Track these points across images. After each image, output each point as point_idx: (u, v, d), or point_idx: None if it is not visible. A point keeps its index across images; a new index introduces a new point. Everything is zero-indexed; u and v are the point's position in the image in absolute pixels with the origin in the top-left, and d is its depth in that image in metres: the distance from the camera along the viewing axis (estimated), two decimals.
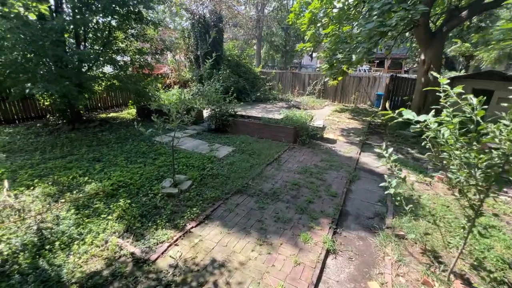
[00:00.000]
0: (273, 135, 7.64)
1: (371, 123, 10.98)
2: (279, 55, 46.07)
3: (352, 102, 15.79)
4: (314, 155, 6.69)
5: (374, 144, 8.03)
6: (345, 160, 6.45)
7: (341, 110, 13.53)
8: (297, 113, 8.09)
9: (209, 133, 8.31)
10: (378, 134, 9.38)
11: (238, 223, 3.80)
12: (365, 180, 5.50)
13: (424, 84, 10.09)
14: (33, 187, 4.43)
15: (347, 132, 9.22)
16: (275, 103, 14.98)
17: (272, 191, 4.73)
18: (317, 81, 16.56)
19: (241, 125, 8.18)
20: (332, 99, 16.37)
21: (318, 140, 7.89)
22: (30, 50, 5.37)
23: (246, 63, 16.81)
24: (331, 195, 4.70)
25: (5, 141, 6.60)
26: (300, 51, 12.92)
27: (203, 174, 5.16)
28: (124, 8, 8.09)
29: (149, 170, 5.23)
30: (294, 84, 17.51)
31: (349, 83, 15.75)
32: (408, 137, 8.63)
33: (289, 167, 5.91)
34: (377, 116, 12.66)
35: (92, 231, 3.43)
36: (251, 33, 32.49)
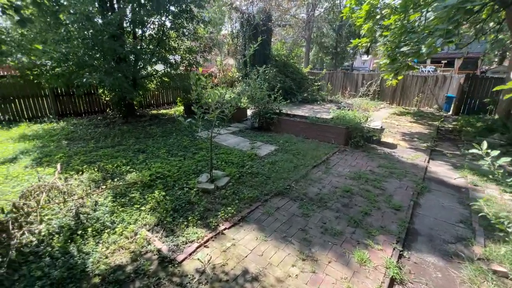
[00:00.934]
0: (321, 136, 6.89)
1: (439, 128, 9.30)
2: (328, 58, 44.25)
3: (414, 105, 13.85)
4: (370, 160, 5.74)
5: (446, 152, 6.63)
6: (410, 168, 5.36)
7: (400, 113, 11.91)
8: (350, 113, 7.18)
9: (251, 131, 7.96)
10: (450, 140, 7.80)
11: (277, 230, 3.26)
12: (438, 193, 4.40)
13: None
14: (81, 172, 4.60)
15: (410, 136, 7.88)
16: (323, 104, 14.01)
17: (318, 197, 4.05)
18: (372, 82, 15.02)
19: (286, 124, 7.62)
20: (390, 101, 14.63)
21: (374, 144, 6.85)
22: (91, 44, 5.78)
23: (294, 63, 16.23)
24: (394, 207, 3.81)
25: (69, 130, 7.26)
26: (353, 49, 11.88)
27: (242, 172, 4.75)
28: (177, 5, 8.32)
29: (188, 163, 5.05)
30: (345, 85, 16.23)
31: (411, 83, 13.87)
32: (494, 145, 6.94)
33: (339, 171, 5.12)
34: (447, 121, 10.75)
35: (124, 221, 3.27)
36: (300, 35, 31.81)
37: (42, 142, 6.22)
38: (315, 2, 30.14)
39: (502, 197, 4.25)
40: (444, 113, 12.75)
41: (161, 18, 8.66)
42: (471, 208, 3.90)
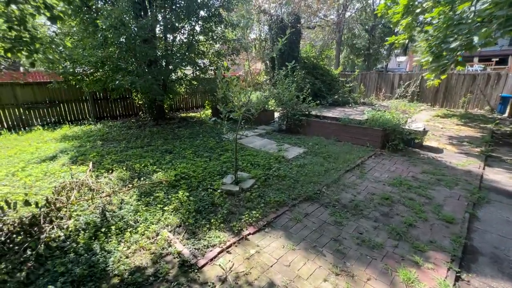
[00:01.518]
0: (354, 138, 6.38)
1: (494, 132, 8.16)
2: (360, 60, 42.61)
3: (461, 107, 12.47)
4: (412, 165, 5.13)
5: (506, 158, 5.71)
6: (461, 175, 4.66)
7: (444, 115, 10.77)
8: (387, 114, 6.58)
9: (279, 133, 7.68)
10: (510, 145, 6.76)
11: (306, 238, 2.93)
12: (499, 205, 3.71)
13: None
14: (111, 170, 4.71)
15: (458, 140, 6.99)
16: (355, 106, 13.25)
17: (353, 204, 3.64)
18: (410, 82, 13.89)
19: (315, 126, 7.22)
20: (431, 103, 13.38)
21: (416, 148, 6.16)
22: (125, 48, 6.05)
23: (323, 65, 15.68)
24: (445, 219, 3.26)
25: (105, 132, 7.64)
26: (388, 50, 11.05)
27: (268, 174, 4.50)
28: (206, 10, 8.45)
29: (213, 165, 4.93)
30: (379, 86, 15.25)
31: (456, 83, 12.55)
32: None
33: (376, 176, 4.62)
34: (503, 123, 9.45)
35: (146, 220, 3.20)
36: (330, 37, 31.03)
37: (79, 142, 6.59)
38: (346, 3, 29.29)
39: None
40: (498, 115, 11.28)
41: (191, 23, 8.86)
42: None
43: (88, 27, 6.13)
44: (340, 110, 12.16)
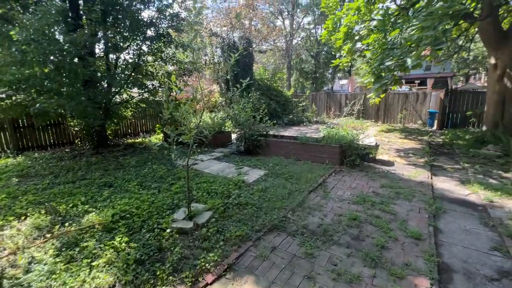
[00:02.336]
0: (314, 156, 6.32)
1: (430, 143, 9.07)
2: (309, 82, 45.86)
3: (399, 122, 13.89)
4: (370, 180, 5.17)
5: (446, 166, 6.22)
6: (415, 186, 4.82)
7: (387, 130, 11.77)
8: (341, 130, 6.75)
9: (237, 156, 7.27)
10: (445, 154, 7.49)
11: (276, 281, 2.47)
12: (455, 214, 3.82)
13: (498, 94, 8.17)
14: (25, 216, 3.65)
15: (404, 152, 7.51)
16: (309, 125, 13.74)
17: (321, 229, 3.34)
18: (355, 101, 15.13)
19: (274, 146, 7.03)
20: (375, 120, 14.65)
21: (370, 162, 6.35)
22: (52, 66, 5.12)
23: (277, 86, 16.22)
24: (413, 236, 3.15)
25: (26, 166, 6.25)
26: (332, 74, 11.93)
27: (227, 203, 3.98)
28: (154, 30, 7.98)
29: (163, 197, 4.22)
30: (329, 106, 16.27)
31: (393, 101, 14.06)
32: (491, 157, 6.65)
33: (340, 194, 4.48)
34: (435, 135, 10.65)
35: (64, 285, 2.37)
36: (281, 62, 32.90)
37: None
38: (293, 32, 31.75)
39: None
40: (428, 128, 12.79)
41: (137, 43, 8.24)
42: (498, 230, 3.32)
43: (3, 41, 5.09)
44: (296, 129, 12.43)
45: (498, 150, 7.08)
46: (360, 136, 6.43)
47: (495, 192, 4.45)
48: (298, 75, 43.49)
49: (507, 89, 7.98)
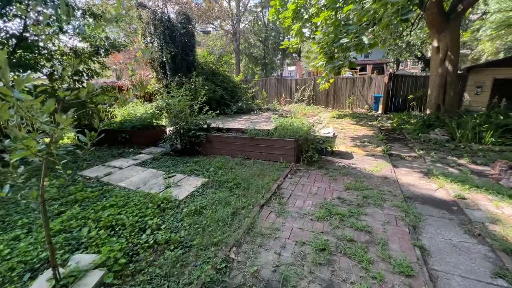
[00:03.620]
0: (266, 154, 5.23)
1: (380, 129, 8.91)
2: (258, 68, 45.09)
3: (348, 107, 13.89)
4: (332, 181, 4.31)
5: (403, 154, 5.82)
6: (381, 184, 4.13)
7: (338, 116, 11.48)
8: (296, 120, 5.79)
9: (171, 157, 5.75)
10: (398, 141, 7.24)
11: None
12: (434, 221, 3.15)
13: (441, 77, 8.25)
14: None
15: (360, 141, 7.00)
16: (260, 113, 12.73)
17: (280, 277, 2.23)
18: (306, 87, 14.63)
19: (218, 142, 5.72)
20: (325, 105, 14.41)
21: (328, 156, 5.57)
22: None
23: (223, 71, 14.66)
24: (402, 272, 2.27)
25: None
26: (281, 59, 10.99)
27: (135, 248, 2.57)
28: None
29: (27, 245, 2.58)
30: (279, 92, 15.48)
31: (341, 86, 13.93)
32: (441, 141, 6.53)
33: (299, 206, 3.47)
34: (382, 119, 10.69)
35: None
36: (229, 46, 31.09)
37: None
38: (240, 14, 29.97)
39: (503, 212, 3.27)
40: (374, 112, 13.03)
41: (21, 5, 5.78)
42: (487, 241, 2.70)
43: None
44: (246, 118, 11.27)
45: (445, 134, 7.08)
46: (317, 127, 5.55)
47: (462, 186, 4.00)
48: (248, 60, 42.24)
49: (448, 72, 8.09)
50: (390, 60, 35.60)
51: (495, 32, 12.52)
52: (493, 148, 5.89)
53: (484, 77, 9.01)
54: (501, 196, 3.61)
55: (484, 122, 7.03)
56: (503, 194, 3.64)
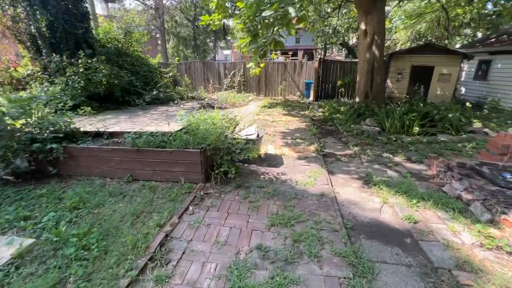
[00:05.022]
0: (160, 173, 3.56)
1: (313, 119, 8.18)
2: (190, 51, 41.47)
3: (280, 94, 13.06)
4: (254, 210, 2.99)
5: (338, 153, 4.98)
6: (318, 208, 3.02)
7: (270, 105, 10.43)
8: (208, 118, 4.24)
9: (4, 187, 3.51)
10: (331, 134, 6.51)
11: None
12: (389, 273, 2.14)
13: (368, 62, 7.85)
14: None
15: (291, 137, 5.97)
16: (182, 103, 10.71)
17: None
18: (235, 71, 13.12)
19: (87, 158, 3.73)
20: (257, 92, 13.25)
21: (252, 164, 4.27)
22: None
23: (133, 51, 11.81)
24: None
25: None
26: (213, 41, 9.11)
27: None
28: None
29: None
30: (207, 78, 13.56)
31: (273, 71, 12.92)
32: (373, 134, 6.01)
33: (193, 280, 2.02)
34: (314, 108, 10.12)
35: None
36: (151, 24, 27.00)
37: None
38: None
39: (463, 241, 2.50)
40: (306, 99, 12.54)
41: None
42: None
43: None
44: (162, 111, 9.15)
45: (375, 125, 6.66)
46: (236, 126, 4.13)
47: (407, 199, 3.22)
48: (176, 41, 38.16)
49: (376, 58, 7.73)
50: (319, 46, 37.07)
51: (407, 21, 13.35)
52: (421, 139, 5.60)
53: (403, 64, 9.12)
54: (452, 213, 2.91)
55: (408, 110, 6.88)
56: (453, 209, 2.96)
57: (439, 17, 12.10)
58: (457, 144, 5.33)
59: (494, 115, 7.62)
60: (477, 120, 6.89)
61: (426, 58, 8.74)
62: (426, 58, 8.74)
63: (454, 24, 11.97)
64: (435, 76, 8.85)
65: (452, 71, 8.62)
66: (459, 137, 5.81)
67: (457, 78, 8.83)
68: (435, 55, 8.63)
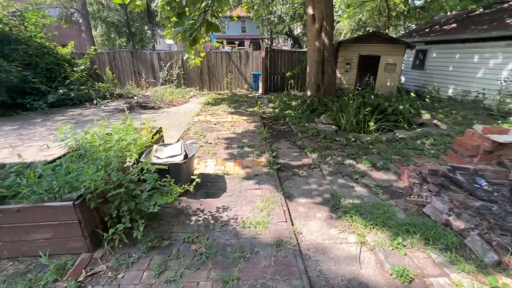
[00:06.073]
0: (11, 245, 2.05)
1: (262, 117, 7.19)
2: (123, 39, 36.76)
3: (227, 88, 11.77)
4: None
5: (295, 164, 4.04)
6: (274, 271, 1.98)
7: (214, 101, 9.09)
8: (115, 133, 2.79)
9: None
10: (284, 135, 5.59)
11: None
12: None
13: (318, 51, 7.12)
14: None
15: (238, 144, 4.84)
16: (103, 103, 8.59)
17: None
18: (172, 63, 11.29)
19: None
20: (199, 87, 11.70)
21: (181, 197, 3.00)
22: None
23: (31, 37, 8.99)
24: None
25: None
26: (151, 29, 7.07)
27: None
28: None
29: None
30: (138, 70, 11.41)
31: (216, 62, 11.49)
32: (331, 134, 5.26)
33: None
34: (264, 102, 9.16)
35: None
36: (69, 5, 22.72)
37: None
38: None
39: None
40: (255, 93, 11.55)
41: None
42: None
43: None
44: (73, 115, 7.03)
45: (331, 122, 5.98)
46: (155, 149, 2.79)
47: (390, 237, 2.41)
48: (106, 28, 33.19)
49: (325, 46, 7.03)
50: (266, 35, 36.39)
51: (349, 10, 13.30)
52: (380, 138, 5.06)
53: (352, 53, 8.73)
54: (449, 254, 2.18)
55: (361, 104, 6.39)
56: (448, 247, 2.23)
57: (379, 6, 12.25)
58: (416, 141, 4.92)
59: (436, 104, 7.73)
60: (424, 111, 6.79)
61: (373, 47, 8.46)
62: (373, 47, 8.46)
63: (392, 14, 12.28)
64: (382, 65, 8.68)
65: (396, 61, 8.53)
66: (414, 131, 5.47)
67: (401, 68, 8.81)
68: (381, 44, 8.40)
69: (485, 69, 7.71)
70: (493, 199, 2.86)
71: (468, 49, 8.30)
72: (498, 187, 3.18)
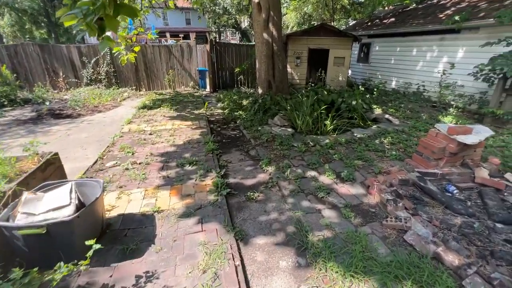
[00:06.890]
0: None
1: (210, 121, 6.26)
2: (43, 31, 31.45)
3: (169, 86, 10.38)
4: None
5: (248, 183, 3.27)
6: None
7: (153, 103, 7.75)
8: None
9: None
10: (234, 143, 4.77)
11: None
12: None
13: (267, 45, 6.43)
14: None
15: (177, 161, 3.85)
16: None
17: None
18: (99, 58, 9.41)
19: None
20: (136, 86, 10.07)
21: (78, 265, 1.97)
22: None
23: None
24: None
25: None
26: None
27: None
28: None
29: None
30: (52, 68, 9.22)
31: (154, 57, 10.00)
32: (288, 140, 4.62)
33: None
34: (211, 102, 8.20)
35: None
36: None
37: None
38: None
39: None
40: (202, 91, 10.45)
41: None
42: None
43: None
44: None
45: (286, 123, 5.38)
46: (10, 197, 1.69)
47: None
48: (17, 17, 27.74)
49: (274, 39, 6.37)
50: (213, 29, 34.67)
51: (295, 3, 13.00)
52: (339, 139, 4.62)
53: (301, 47, 8.29)
54: None
55: (315, 101, 5.96)
56: None
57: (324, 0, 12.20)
58: (375, 140, 4.61)
59: (384, 98, 7.80)
60: (376, 106, 6.70)
61: (322, 40, 8.14)
62: (322, 40, 8.14)
63: (337, 7, 12.36)
64: (331, 59, 8.46)
65: (345, 54, 8.39)
66: (370, 129, 5.21)
67: (349, 62, 8.73)
68: (329, 37, 8.12)
69: (424, 62, 8.04)
70: (471, 212, 2.53)
71: (408, 43, 8.59)
72: (468, 193, 2.92)
